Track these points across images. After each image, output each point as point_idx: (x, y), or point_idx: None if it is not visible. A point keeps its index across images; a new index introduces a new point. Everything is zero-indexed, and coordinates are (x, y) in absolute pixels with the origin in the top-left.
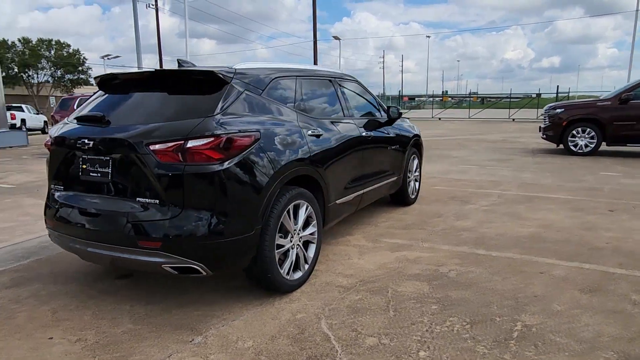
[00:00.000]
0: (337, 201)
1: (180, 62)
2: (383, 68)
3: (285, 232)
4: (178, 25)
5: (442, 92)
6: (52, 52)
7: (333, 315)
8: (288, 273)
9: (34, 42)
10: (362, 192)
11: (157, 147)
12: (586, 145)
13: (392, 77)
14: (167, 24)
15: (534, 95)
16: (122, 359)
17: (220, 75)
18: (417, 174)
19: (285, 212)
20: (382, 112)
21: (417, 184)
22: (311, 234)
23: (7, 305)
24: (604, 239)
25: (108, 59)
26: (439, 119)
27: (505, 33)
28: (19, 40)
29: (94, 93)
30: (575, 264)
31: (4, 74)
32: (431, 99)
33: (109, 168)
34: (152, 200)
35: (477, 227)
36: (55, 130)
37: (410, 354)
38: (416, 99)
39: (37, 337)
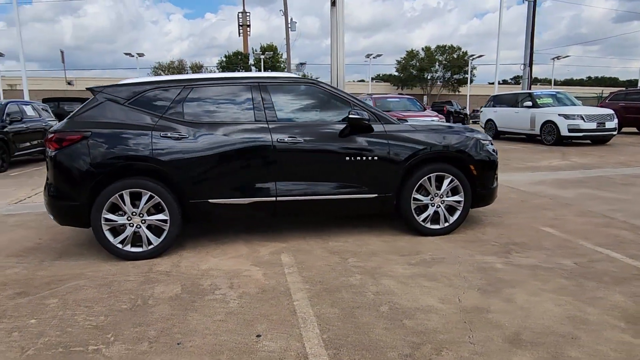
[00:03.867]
0: (211, 200)
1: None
2: None
3: (124, 212)
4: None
5: None
6: (445, 56)
7: (57, 287)
8: (123, 244)
9: (432, 49)
10: (270, 199)
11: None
12: None
13: None
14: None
15: None
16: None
17: (93, 89)
18: (455, 199)
19: (117, 195)
20: (384, 117)
21: (456, 212)
22: (160, 220)
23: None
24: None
25: (472, 59)
26: None
27: None
28: (422, 49)
29: None
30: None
31: (402, 75)
32: None
33: None
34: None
35: (397, 277)
36: None
37: None
38: None
39: None
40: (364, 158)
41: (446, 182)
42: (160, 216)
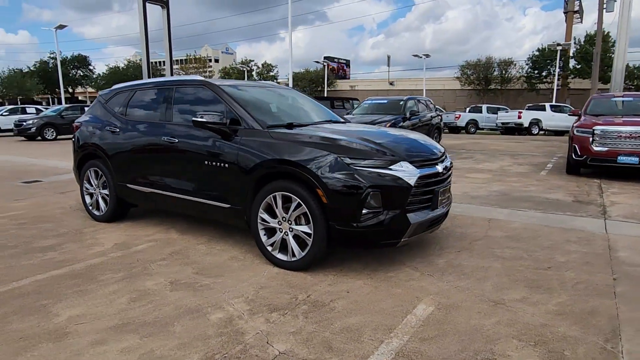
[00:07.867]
0: (128, 185)
1: None
2: None
3: (92, 184)
4: None
5: None
6: None
7: (35, 224)
8: (91, 207)
9: None
10: (158, 192)
11: None
12: None
13: None
14: None
15: None
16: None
17: (99, 91)
18: (303, 229)
19: (89, 171)
20: (248, 121)
21: (307, 246)
22: (106, 194)
23: None
24: None
25: None
26: None
27: None
28: None
29: None
30: None
31: None
32: None
33: None
34: None
35: (133, 288)
36: None
37: None
38: None
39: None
40: (216, 164)
41: (293, 205)
42: (106, 191)
